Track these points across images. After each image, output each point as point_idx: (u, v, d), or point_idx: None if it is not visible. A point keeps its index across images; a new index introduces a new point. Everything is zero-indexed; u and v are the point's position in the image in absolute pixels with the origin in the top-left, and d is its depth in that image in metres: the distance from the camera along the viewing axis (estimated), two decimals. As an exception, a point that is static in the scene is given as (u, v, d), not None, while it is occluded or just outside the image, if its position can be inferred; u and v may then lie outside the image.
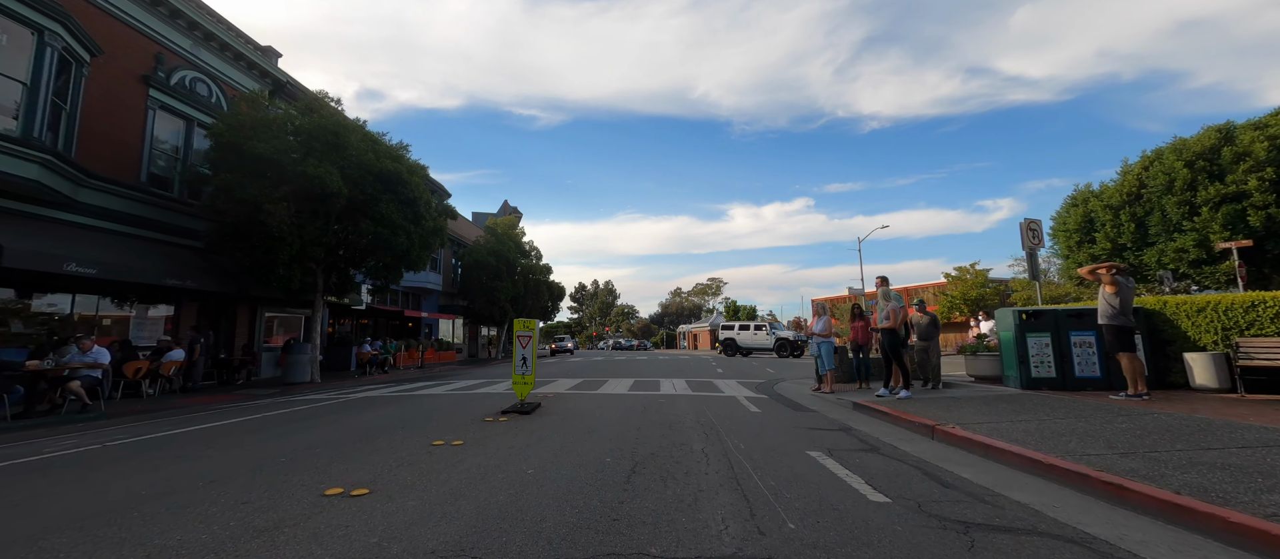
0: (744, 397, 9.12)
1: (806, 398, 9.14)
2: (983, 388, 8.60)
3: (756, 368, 18.16)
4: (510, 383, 12.03)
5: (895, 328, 8.15)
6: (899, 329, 8.17)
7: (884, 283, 8.97)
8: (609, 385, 11.14)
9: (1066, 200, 26.70)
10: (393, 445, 4.79)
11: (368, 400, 9.12)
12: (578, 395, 9.19)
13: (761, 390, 10.35)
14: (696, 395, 9.29)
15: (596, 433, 5.40)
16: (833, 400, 8.48)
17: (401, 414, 7.02)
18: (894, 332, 8.11)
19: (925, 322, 9.17)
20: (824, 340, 9.38)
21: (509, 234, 32.58)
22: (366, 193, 13.63)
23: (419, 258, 15.62)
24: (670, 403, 8.14)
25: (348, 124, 13.90)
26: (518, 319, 7.06)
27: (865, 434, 5.66)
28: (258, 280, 13.30)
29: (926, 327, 9.13)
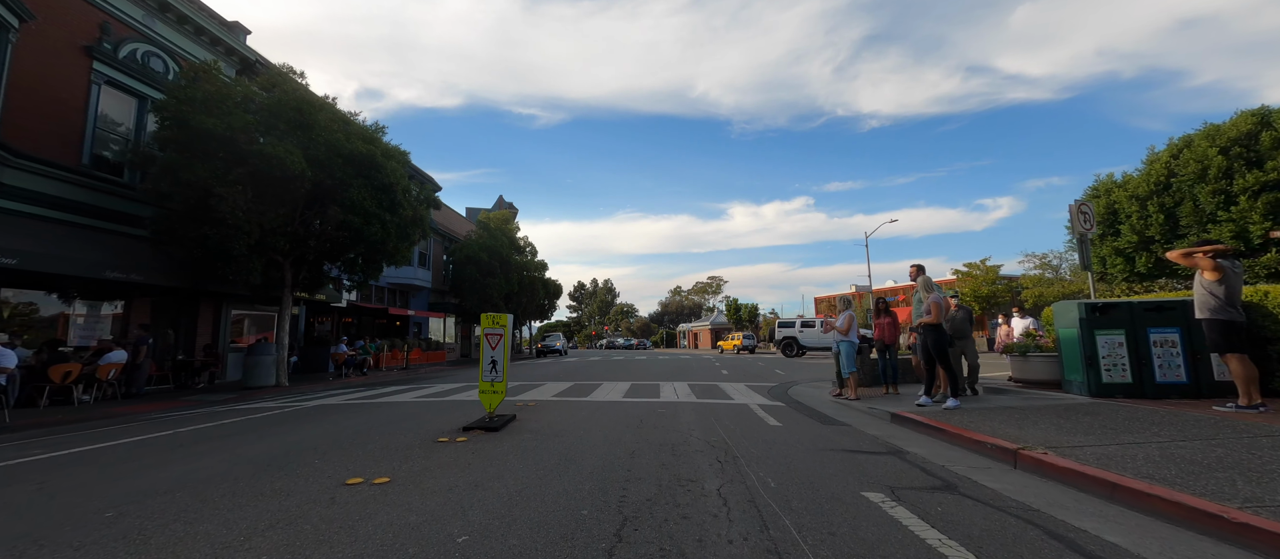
0: (757, 404, 7.84)
1: (829, 405, 7.86)
2: (1039, 396, 7.31)
3: (763, 369, 16.88)
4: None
5: (939, 323, 6.86)
6: (945, 324, 6.88)
7: (920, 272, 7.68)
8: (601, 391, 9.85)
9: (1087, 191, 25.41)
10: (291, 486, 3.50)
11: (317, 410, 7.82)
12: (562, 405, 7.90)
13: (775, 396, 9.06)
14: (702, 403, 8.00)
15: (575, 462, 4.11)
16: (861, 409, 7.20)
17: (340, 431, 5.72)
18: (938, 327, 6.83)
19: (960, 316, 7.86)
20: (845, 339, 8.10)
21: (502, 229, 31.29)
22: (335, 177, 12.33)
23: (397, 250, 14.32)
24: (672, 414, 6.85)
25: (314, 101, 12.60)
26: (485, 315, 5.78)
27: (924, 460, 4.37)
28: (213, 273, 11.99)
29: (960, 321, 7.82)
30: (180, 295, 13.84)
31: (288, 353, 16.87)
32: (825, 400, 8.67)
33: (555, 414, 6.80)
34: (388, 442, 4.96)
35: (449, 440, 4.93)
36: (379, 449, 4.62)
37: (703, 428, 5.76)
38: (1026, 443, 4.43)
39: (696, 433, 5.44)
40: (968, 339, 7.60)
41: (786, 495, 3.32)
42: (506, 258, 30.12)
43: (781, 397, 9.06)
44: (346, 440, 5.11)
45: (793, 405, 7.88)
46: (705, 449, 4.65)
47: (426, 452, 4.49)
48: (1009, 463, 4.26)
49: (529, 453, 4.42)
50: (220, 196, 10.68)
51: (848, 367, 8.34)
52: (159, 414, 8.32)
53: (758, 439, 5.16)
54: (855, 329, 8.28)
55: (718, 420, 6.28)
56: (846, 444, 4.98)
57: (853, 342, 8.21)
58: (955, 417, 5.87)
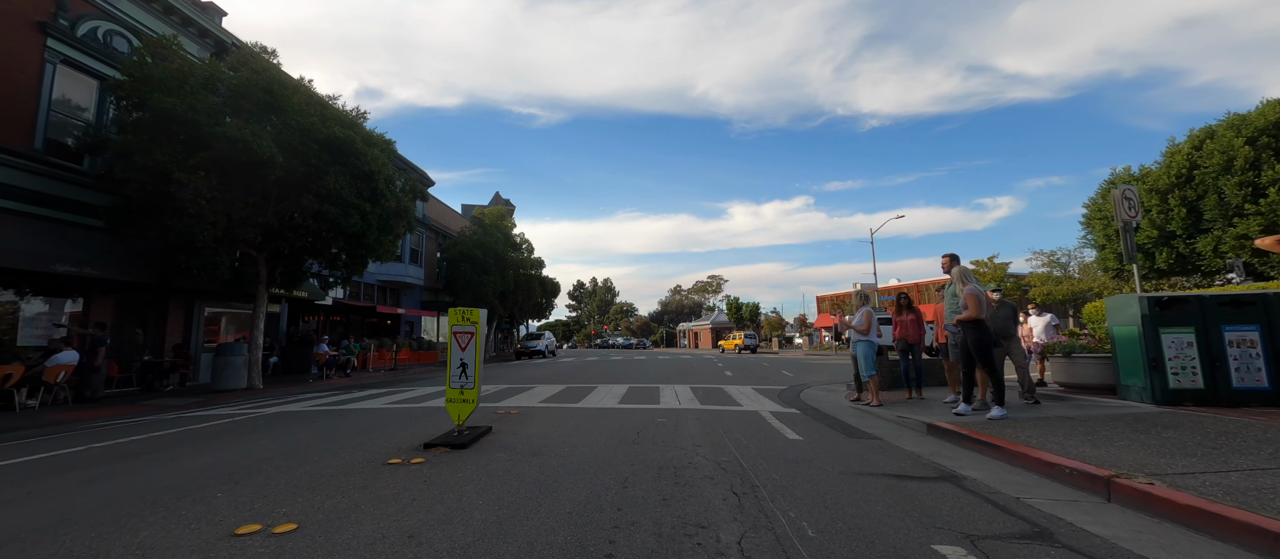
0: (769, 412, 6.95)
1: (850, 413, 6.98)
2: (1092, 403, 6.43)
3: (769, 370, 15.99)
4: (484, 391, 9.84)
5: (980, 319, 5.97)
6: (988, 321, 5.99)
7: (954, 262, 6.78)
8: (595, 395, 8.97)
9: (1102, 185, 24.51)
10: (158, 538, 2.59)
11: (270, 419, 6.94)
12: (550, 412, 7.01)
13: (787, 401, 8.18)
14: (707, 410, 7.11)
15: (552, 496, 3.23)
16: (888, 418, 6.31)
17: (278, 448, 4.84)
18: (980, 323, 5.93)
19: (1003, 312, 6.96)
20: (865, 339, 7.22)
21: (498, 225, 30.40)
22: (310, 163, 11.42)
23: (378, 243, 13.42)
24: (674, 424, 5.96)
25: (286, 82, 11.70)
26: (453, 310, 4.88)
27: (989, 489, 3.50)
28: (177, 268, 11.08)
29: (1003, 319, 6.92)
30: (147, 292, 12.95)
31: (266, 353, 16.01)
32: (843, 406, 7.80)
33: (539, 424, 5.91)
34: (324, 465, 4.06)
35: (401, 462, 4.03)
36: (308, 476, 3.73)
37: (711, 443, 4.87)
38: (1118, 467, 3.55)
39: (703, 450, 4.55)
40: (1013, 339, 6.67)
41: (829, 546, 2.43)
42: (502, 255, 29.22)
43: (794, 402, 8.18)
44: (277, 462, 4.22)
45: (809, 413, 6.99)
46: (716, 474, 3.76)
47: (366, 480, 3.60)
48: (1099, 494, 3.38)
49: (495, 481, 3.53)
50: (180, 183, 9.77)
51: (867, 369, 7.47)
52: (102, 422, 7.44)
53: (778, 458, 4.27)
54: (876, 327, 7.39)
55: (727, 433, 5.39)
56: (886, 465, 4.09)
57: (873, 341, 7.34)
58: (1006, 429, 4.99)
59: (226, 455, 4.55)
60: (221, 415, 7.52)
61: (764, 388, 10.27)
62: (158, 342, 13.60)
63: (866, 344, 7.25)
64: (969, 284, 6.49)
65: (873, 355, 7.41)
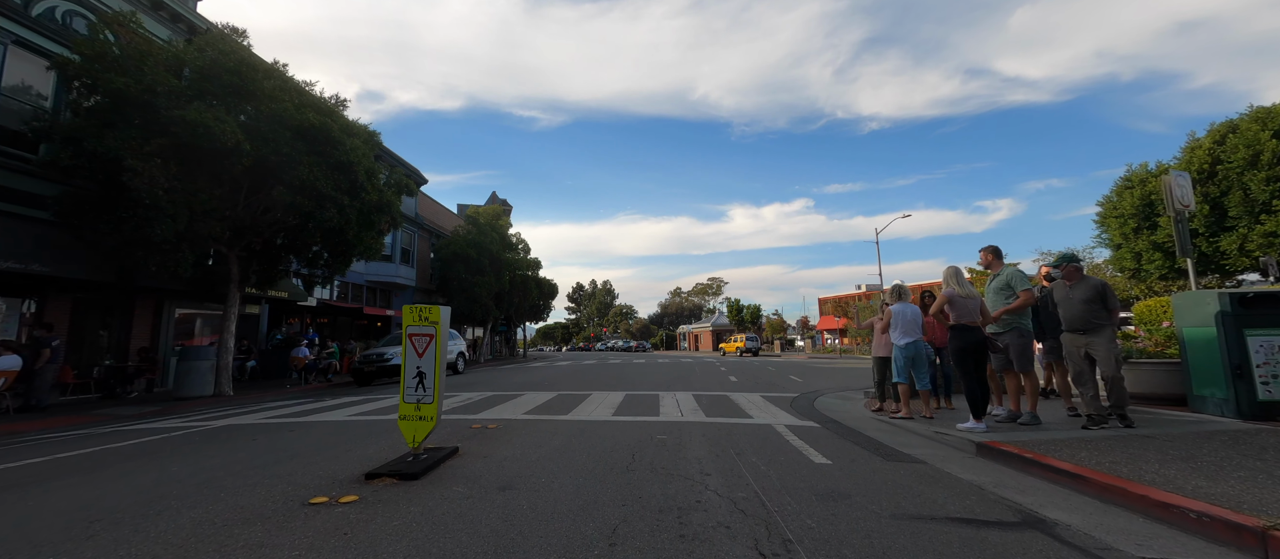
0: (786, 426, 6.08)
1: (876, 426, 6.11)
2: (1166, 418, 5.54)
3: (775, 375, 15.11)
4: (460, 399, 8.94)
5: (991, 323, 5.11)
6: (1060, 307, 5.12)
7: (995, 255, 5.93)
8: (588, 404, 8.09)
9: (1118, 183, 23.64)
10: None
11: (211, 435, 6.06)
12: (532, 427, 6.13)
13: (802, 412, 7.30)
14: (714, 424, 6.23)
15: (516, 552, 2.34)
16: (924, 434, 5.44)
17: (200, 472, 3.98)
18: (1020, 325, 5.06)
19: (1080, 294, 5.57)
20: (909, 341, 6.35)
21: (492, 224, 29.53)
22: (281, 152, 10.55)
23: (359, 239, 12.55)
24: (676, 443, 5.09)
25: (257, 64, 10.85)
26: (408, 307, 4.02)
27: (1100, 544, 2.63)
28: (134, 264, 10.20)
29: (1079, 302, 5.49)
30: (110, 291, 12.08)
31: (243, 357, 15.13)
32: (865, 418, 6.93)
33: (518, 443, 5.02)
34: (226, 505, 3.18)
35: (326, 502, 3.15)
36: (193, 524, 2.85)
37: (722, 470, 3.99)
38: (1265, 512, 2.68)
39: (714, 481, 3.67)
40: (1099, 333, 4.96)
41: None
42: (497, 255, 28.36)
43: (809, 412, 7.30)
44: (173, 498, 3.35)
45: (830, 426, 6.11)
46: (732, 519, 2.89)
47: (267, 532, 2.71)
48: (1251, 552, 2.50)
49: (438, 535, 2.65)
50: (133, 170, 8.91)
51: (899, 375, 6.60)
52: (32, 436, 6.55)
53: (807, 492, 3.40)
54: (911, 329, 6.51)
55: (740, 455, 4.51)
56: (946, 503, 3.22)
57: (915, 342, 6.47)
58: (1081, 452, 4.11)
59: (118, 488, 3.67)
60: (165, 429, 6.63)
61: (773, 395, 9.40)
62: (123, 345, 12.73)
63: (911, 346, 6.38)
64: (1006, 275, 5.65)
65: (905, 361, 6.54)
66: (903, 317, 6.44)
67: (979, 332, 5.60)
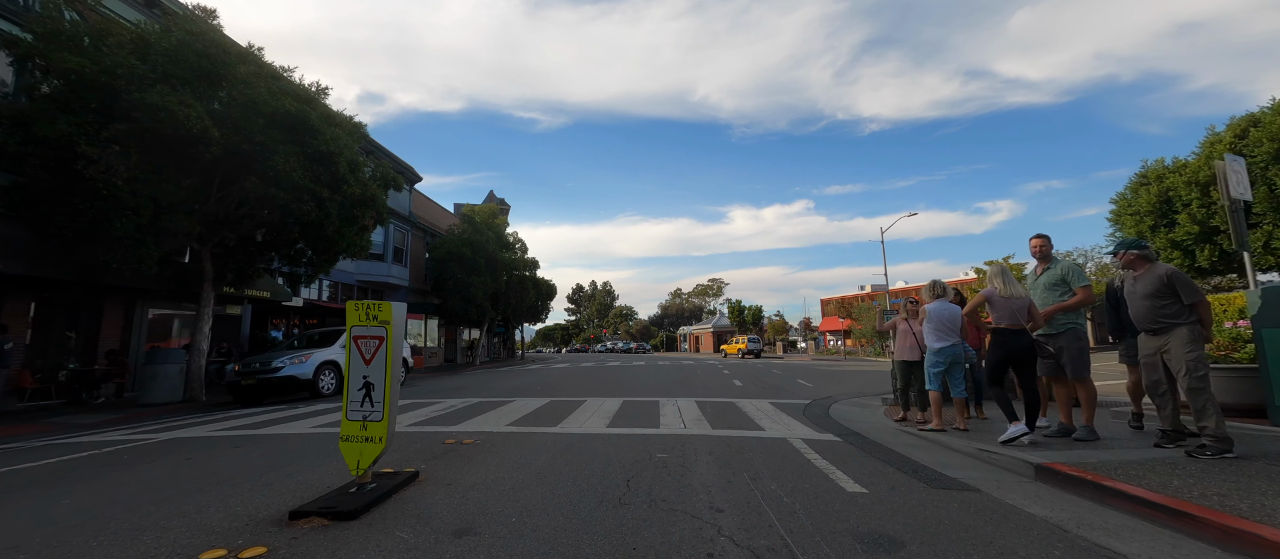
0: (801, 439, 5.35)
1: (905, 440, 5.38)
2: (1252, 433, 4.80)
3: (781, 378, 14.37)
4: (440, 408, 8.13)
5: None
6: (1128, 299, 4.39)
7: (1046, 245, 5.21)
8: (581, 413, 7.36)
9: (1133, 179, 22.92)
10: None
11: (153, 449, 5.35)
12: (515, 442, 5.40)
13: (817, 422, 6.57)
14: (722, 437, 5.51)
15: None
16: (965, 451, 4.71)
17: (87, 509, 3.27)
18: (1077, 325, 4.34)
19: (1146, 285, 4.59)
20: (945, 344, 5.64)
21: (488, 223, 28.84)
22: (254, 141, 9.85)
23: (340, 235, 11.83)
24: (680, 462, 4.36)
25: (228, 47, 10.15)
26: (352, 302, 3.30)
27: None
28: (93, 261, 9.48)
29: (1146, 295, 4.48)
30: (76, 290, 11.36)
31: (222, 360, 14.41)
32: (889, 429, 6.21)
33: (491, 466, 4.29)
34: (129, 546, 2.46)
35: (224, 557, 2.42)
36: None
37: (737, 502, 3.26)
38: None
39: (729, 519, 2.94)
40: (1174, 334, 4.05)
41: None
42: (493, 255, 27.66)
43: (826, 422, 6.57)
44: (21, 553, 2.62)
45: (854, 441, 5.38)
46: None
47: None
48: None
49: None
50: (88, 158, 8.20)
51: (932, 381, 5.88)
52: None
53: (848, 536, 2.67)
54: (949, 331, 5.78)
55: (756, 480, 3.78)
56: (1027, 552, 2.49)
57: (953, 346, 5.76)
58: (1173, 479, 3.38)
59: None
60: (102, 443, 5.91)
61: (783, 402, 8.66)
62: (91, 347, 12.01)
63: (948, 350, 5.66)
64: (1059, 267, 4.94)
65: (939, 366, 5.83)
66: (940, 317, 5.72)
67: (1025, 335, 4.91)
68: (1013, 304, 4.97)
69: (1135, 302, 4.27)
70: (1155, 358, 4.24)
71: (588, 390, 10.96)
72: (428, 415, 7.11)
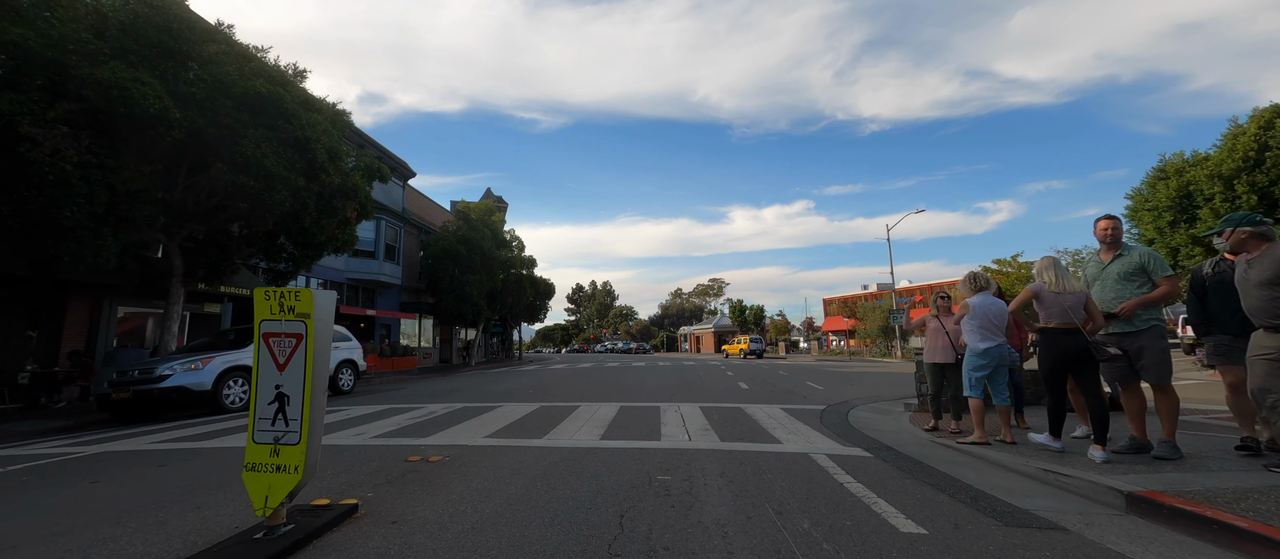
0: (827, 455, 4.58)
1: (946, 456, 4.62)
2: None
3: (789, 380, 13.60)
4: (417, 415, 7.26)
5: None
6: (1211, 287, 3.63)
7: (1117, 228, 4.45)
8: (572, 422, 6.59)
9: (1151, 173, 22.12)
10: None
11: (72, 465, 4.63)
12: (490, 458, 4.64)
13: (839, 431, 5.81)
14: (733, 452, 4.74)
15: None
16: (1024, 471, 3.95)
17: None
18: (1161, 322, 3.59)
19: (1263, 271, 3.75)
20: (990, 344, 4.89)
21: (484, 220, 28.08)
22: (221, 124, 9.09)
23: (319, 227, 11.08)
24: (686, 488, 3.61)
25: (193, 23, 9.39)
26: (260, 290, 2.55)
27: None
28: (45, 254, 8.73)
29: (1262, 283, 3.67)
30: (35, 287, 10.61)
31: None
32: (921, 440, 5.46)
33: (454, 493, 3.53)
34: None
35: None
36: None
37: (762, 550, 2.51)
38: None
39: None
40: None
41: None
42: (489, 252, 26.89)
43: (848, 432, 5.81)
44: None
45: (886, 456, 4.61)
46: None
47: None
48: None
49: None
50: (33, 139, 7.45)
51: (971, 387, 5.13)
52: None
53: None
54: (994, 329, 5.03)
55: (782, 514, 3.02)
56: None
57: (999, 347, 5.01)
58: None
59: None
60: (21, 457, 5.15)
61: (795, 408, 7.90)
62: (53, 347, 11.26)
63: (993, 352, 4.92)
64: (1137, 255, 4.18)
65: (980, 371, 5.07)
66: (986, 314, 4.97)
67: (1080, 336, 4.18)
68: (1065, 300, 4.27)
69: (1250, 291, 3.49)
70: (1266, 358, 3.46)
71: (583, 394, 10.19)
72: (398, 425, 6.34)
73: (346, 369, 11.72)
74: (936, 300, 6.35)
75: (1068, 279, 4.44)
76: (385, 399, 9.71)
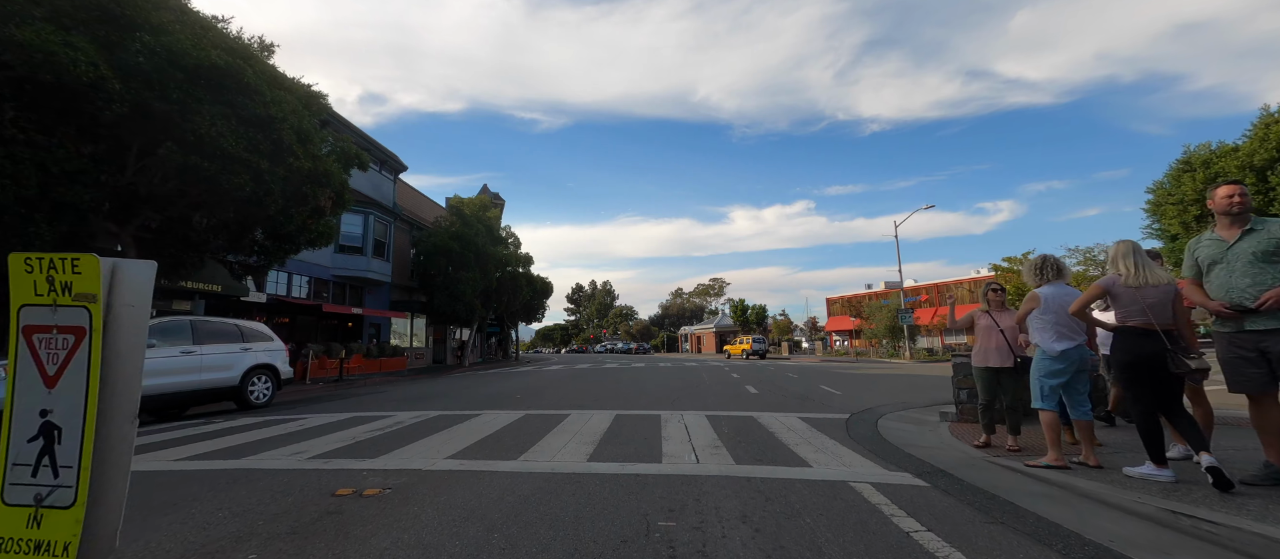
0: (872, 483, 3.62)
1: (1030, 489, 3.65)
2: None
3: (799, 383, 12.64)
4: (381, 427, 6.04)
5: None
6: None
7: (1246, 197, 3.51)
8: (555, 437, 5.63)
9: (1175, 165, 21.10)
10: None
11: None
12: (444, 489, 3.69)
13: (871, 446, 4.84)
14: (752, 480, 3.79)
15: None
16: (1137, 509, 2.99)
17: None
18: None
19: None
20: (1069, 344, 3.98)
21: (478, 216, 27.14)
22: (170, 98, 8.14)
23: (287, 215, 10.13)
24: (698, 541, 2.65)
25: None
26: (18, 257, 1.58)
27: None
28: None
29: None
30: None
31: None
32: (974, 459, 4.53)
33: (368, 554, 2.57)
34: None
35: None
36: None
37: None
38: None
39: None
40: None
41: None
42: (483, 249, 25.94)
43: (883, 448, 4.84)
44: None
45: (944, 483, 3.64)
46: None
47: None
48: None
49: None
50: (-60, 109, 6.51)
51: (1044, 398, 4.20)
52: None
53: None
54: (1072, 327, 4.09)
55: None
56: None
57: (1079, 347, 4.09)
58: None
59: None
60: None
61: (815, 417, 6.93)
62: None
63: (1073, 354, 4.01)
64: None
65: (1070, 375, 4.16)
66: (1060, 307, 4.05)
67: (1160, 339, 3.35)
68: (1147, 296, 3.51)
69: None
70: None
71: (575, 400, 9.23)
72: (349, 440, 5.36)
73: (261, 376, 9.38)
74: (987, 293, 5.39)
75: (1152, 269, 3.60)
76: (352, 406, 8.74)
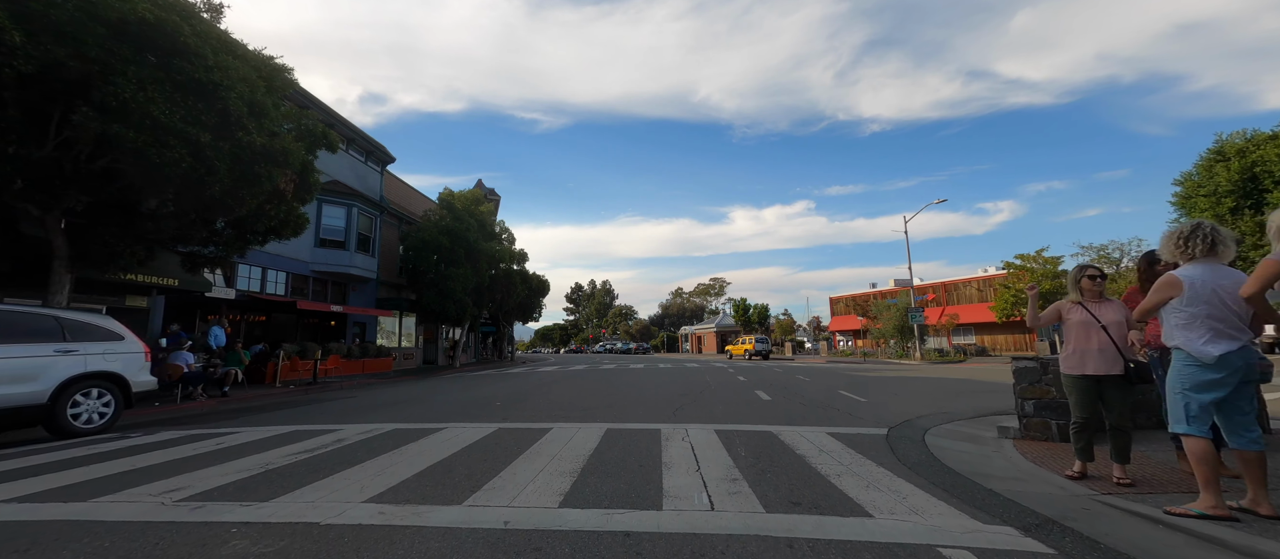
0: (968, 548, 2.43)
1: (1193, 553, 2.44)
2: None
3: (812, 387, 11.46)
4: (311, 447, 4.55)
5: None
6: None
7: None
8: (526, 463, 4.46)
9: (1206, 154, 19.89)
10: None
11: None
12: (348, 554, 2.48)
13: (943, 482, 3.66)
14: (792, 544, 2.60)
15: None
16: None
17: None
18: None
19: None
20: (1230, 347, 2.80)
21: (471, 210, 25.93)
22: (89, 57, 6.97)
23: (235, 198, 8.94)
24: None
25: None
26: None
27: None
28: None
29: None
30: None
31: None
32: (1078, 497, 3.37)
33: None
34: None
35: None
36: None
37: None
38: None
39: None
40: None
41: None
42: (475, 245, 24.72)
43: (952, 481, 3.67)
44: None
45: (1071, 546, 2.44)
46: None
47: None
48: None
49: None
50: None
51: (1183, 419, 3.03)
52: None
53: None
54: (1232, 323, 2.91)
55: None
56: None
57: (1244, 349, 2.89)
58: None
59: None
60: None
61: (846, 432, 5.75)
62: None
63: (1237, 358, 2.85)
64: None
65: (1233, 387, 2.97)
66: (1215, 296, 2.90)
67: None
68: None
69: None
70: None
71: (562, 408, 8.05)
72: (251, 471, 4.13)
73: (95, 389, 6.50)
74: (1081, 280, 4.19)
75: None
76: (299, 417, 7.53)
